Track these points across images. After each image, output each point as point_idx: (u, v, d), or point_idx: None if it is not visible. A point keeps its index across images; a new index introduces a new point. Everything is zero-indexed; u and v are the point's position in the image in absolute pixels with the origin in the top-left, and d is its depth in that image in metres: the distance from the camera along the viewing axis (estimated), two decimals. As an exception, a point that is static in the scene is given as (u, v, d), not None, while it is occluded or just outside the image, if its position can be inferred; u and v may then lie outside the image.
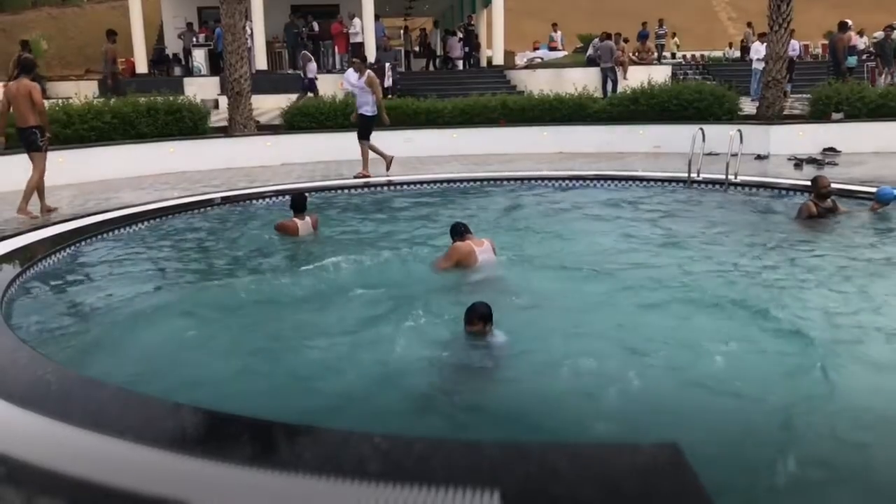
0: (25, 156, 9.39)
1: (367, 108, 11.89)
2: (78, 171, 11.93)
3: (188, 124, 14.25)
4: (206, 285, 6.61)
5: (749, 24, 26.88)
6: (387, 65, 19.76)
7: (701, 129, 10.85)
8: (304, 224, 7.93)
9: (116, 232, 8.13)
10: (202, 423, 3.36)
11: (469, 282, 6.13)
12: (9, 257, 6.73)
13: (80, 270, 6.91)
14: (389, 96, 18.63)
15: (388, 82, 19.53)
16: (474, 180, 11.57)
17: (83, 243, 7.55)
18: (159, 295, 6.21)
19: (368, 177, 11.64)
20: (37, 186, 9.25)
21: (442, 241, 6.87)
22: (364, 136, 12.02)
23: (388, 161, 12.00)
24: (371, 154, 12.02)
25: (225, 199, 10.02)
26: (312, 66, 19.59)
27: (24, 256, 6.73)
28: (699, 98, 15.34)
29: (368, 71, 12.06)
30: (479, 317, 4.59)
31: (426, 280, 6.36)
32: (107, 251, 7.57)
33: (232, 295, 6.17)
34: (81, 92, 16.79)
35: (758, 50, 18.77)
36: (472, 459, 2.82)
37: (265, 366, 4.67)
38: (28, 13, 26.15)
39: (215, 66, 21.42)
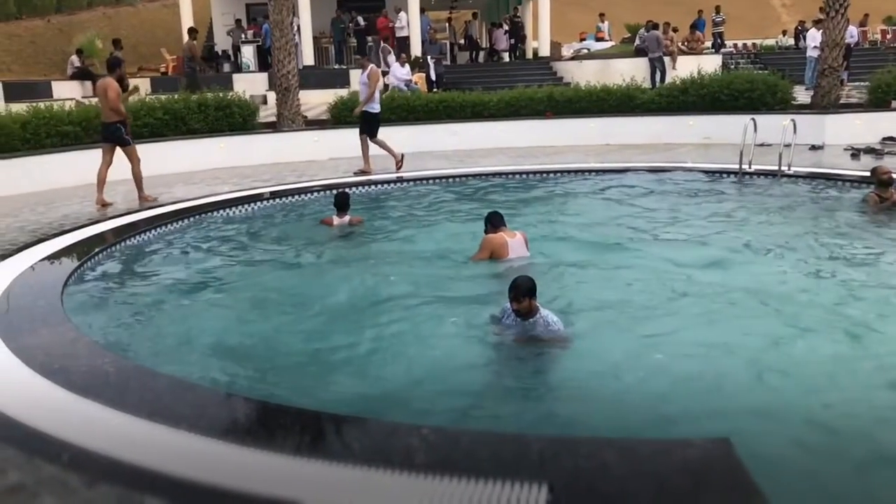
0: (100, 150, 9.94)
1: (373, 105, 11.84)
2: (128, 170, 12.20)
3: (238, 120, 14.48)
4: (255, 278, 6.71)
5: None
6: (429, 58, 19.66)
7: (752, 119, 10.61)
8: (343, 223, 8.07)
9: (170, 226, 8.32)
10: (250, 412, 3.42)
11: (502, 272, 6.16)
12: (68, 251, 6.93)
13: (135, 263, 7.08)
14: (435, 90, 18.64)
15: (433, 76, 19.46)
16: (518, 173, 11.51)
17: (138, 237, 7.74)
18: (210, 288, 6.35)
19: (369, 173, 11.53)
20: (140, 175, 9.80)
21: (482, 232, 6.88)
22: (369, 133, 11.95)
23: (369, 172, 11.80)
24: (375, 151, 11.98)
25: (273, 194, 10.16)
26: (391, 59, 19.71)
27: (83, 250, 6.93)
28: (751, 88, 14.98)
29: (371, 66, 12.01)
30: (524, 292, 4.54)
31: (465, 271, 6.42)
32: (160, 244, 7.76)
33: (277, 286, 6.33)
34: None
35: (813, 37, 18.27)
36: (519, 452, 2.81)
37: (309, 356, 4.74)
38: (83, 13, 26.83)
39: (263, 62, 21.72)
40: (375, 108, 11.84)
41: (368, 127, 11.92)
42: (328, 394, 4.13)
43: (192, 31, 19.69)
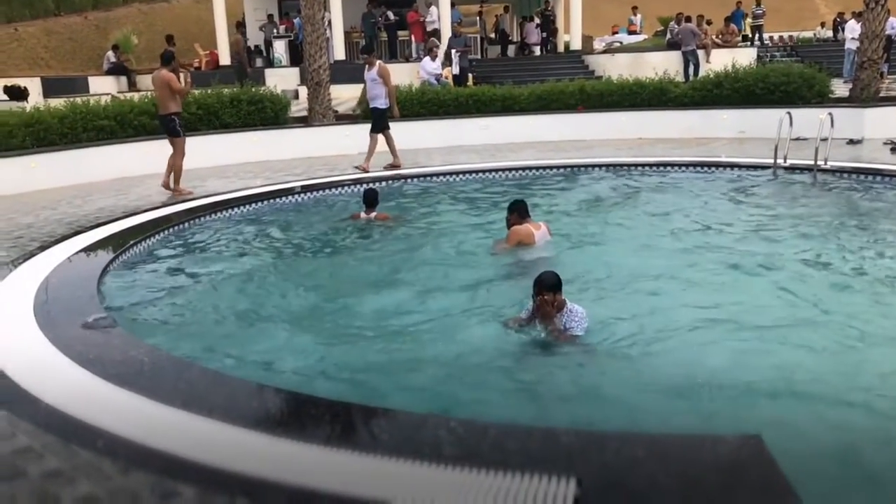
0: (165, 141, 10.28)
1: (380, 101, 11.71)
2: (166, 160, 12.36)
3: (270, 114, 14.60)
4: (285, 271, 6.79)
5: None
6: (453, 51, 19.46)
7: (788, 112, 10.44)
8: (370, 218, 8.16)
9: (204, 219, 8.42)
10: (281, 402, 3.46)
11: (528, 264, 6.16)
12: (104, 243, 7.05)
13: (169, 255, 7.19)
14: (465, 84, 18.56)
15: (455, 70, 19.24)
16: (548, 167, 11.45)
17: (172, 229, 7.85)
18: (241, 279, 6.41)
19: (367, 171, 11.38)
20: (180, 167, 10.02)
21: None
22: (376, 129, 11.85)
23: (398, 166, 11.75)
24: (381, 147, 11.87)
25: (304, 188, 10.23)
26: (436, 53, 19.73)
27: (118, 242, 7.04)
28: (787, 81, 14.71)
29: (379, 62, 11.94)
30: (548, 287, 4.52)
31: (492, 264, 6.44)
32: (194, 237, 7.87)
33: (305, 279, 6.41)
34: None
35: (852, 28, 17.90)
36: (548, 446, 2.81)
37: (338, 347, 4.77)
38: (119, 10, 27.20)
39: (295, 57, 21.85)
40: (382, 103, 11.74)
41: (377, 122, 11.83)
42: (353, 384, 4.15)
43: (239, 24, 20.09)
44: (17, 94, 16.46)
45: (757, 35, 25.54)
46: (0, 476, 2.80)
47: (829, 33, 28.66)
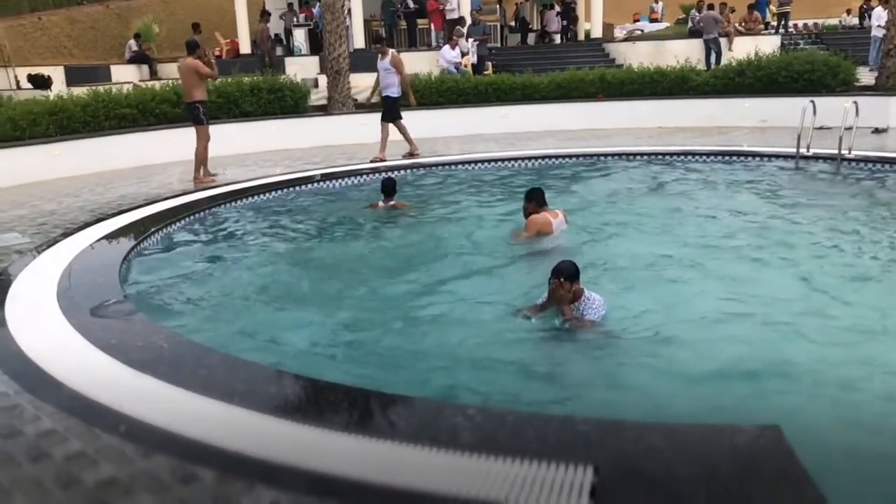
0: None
1: (393, 90, 11.65)
2: (187, 148, 12.46)
3: (289, 103, 14.64)
4: (303, 258, 6.82)
5: None
6: (470, 41, 19.25)
7: (812, 101, 10.30)
8: (388, 206, 8.19)
9: (224, 206, 8.48)
10: (300, 388, 3.48)
11: (546, 252, 6.16)
12: (126, 230, 7.12)
13: (189, 242, 7.25)
14: (476, 74, 18.43)
15: (473, 58, 18.98)
16: (567, 156, 11.39)
17: (193, 216, 7.91)
18: (261, 267, 6.46)
19: (384, 160, 11.36)
20: (202, 155, 10.14)
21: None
22: (388, 118, 11.78)
23: (416, 154, 11.76)
24: (389, 136, 11.81)
25: (324, 176, 10.26)
26: (464, 42, 19.68)
27: (140, 229, 7.11)
28: (811, 69, 14.50)
29: (392, 51, 11.86)
30: (567, 276, 4.52)
31: (509, 252, 6.43)
32: (214, 224, 7.93)
33: (324, 267, 6.47)
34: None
35: (879, 16, 17.58)
36: (565, 433, 2.81)
37: (354, 334, 4.79)
38: (141, -1, 27.35)
39: (315, 45, 21.86)
40: (395, 92, 11.68)
41: (389, 111, 11.77)
42: (369, 370, 4.18)
43: (263, 13, 20.23)
44: (41, 82, 16.63)
45: (783, 23, 25.16)
46: (25, 457, 2.85)
47: (855, 20, 28.20)
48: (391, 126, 11.82)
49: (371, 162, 11.37)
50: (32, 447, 2.93)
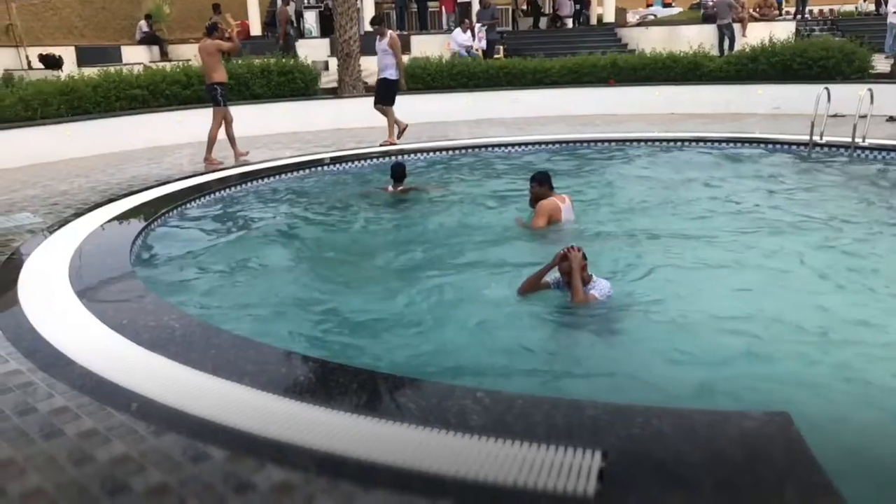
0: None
1: (391, 72, 11.39)
2: (196, 130, 12.47)
3: (300, 85, 14.62)
4: (311, 241, 6.84)
5: None
6: (477, 25, 19.05)
7: (826, 88, 10.20)
8: (397, 191, 8.20)
9: (234, 189, 8.50)
10: (309, 369, 3.50)
11: (556, 237, 6.15)
12: (136, 211, 7.16)
13: (199, 223, 7.27)
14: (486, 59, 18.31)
15: (482, 44, 18.64)
16: (578, 142, 11.34)
17: (203, 198, 7.93)
18: (269, 248, 6.49)
19: (395, 143, 11.30)
20: (215, 137, 10.19)
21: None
22: (386, 101, 11.56)
23: (402, 129, 11.54)
24: (377, 122, 11.74)
25: (333, 160, 10.26)
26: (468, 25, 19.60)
27: (150, 210, 7.14)
28: (826, 55, 14.37)
29: (391, 32, 11.65)
30: (563, 256, 4.55)
31: (518, 237, 6.44)
32: (224, 206, 7.95)
33: (332, 250, 6.52)
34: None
35: (895, 2, 17.35)
36: (573, 417, 2.82)
37: (359, 316, 4.81)
38: (152, -21, 27.22)
39: (326, 28, 21.78)
40: (393, 74, 11.46)
41: (386, 94, 11.54)
42: (376, 353, 4.19)
43: None
44: (53, 62, 16.67)
45: (800, 8, 24.85)
46: (39, 434, 2.88)
47: (872, 7, 27.85)
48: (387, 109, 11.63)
49: (380, 146, 11.35)
50: (46, 424, 2.96)
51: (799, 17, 24.14)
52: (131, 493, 2.48)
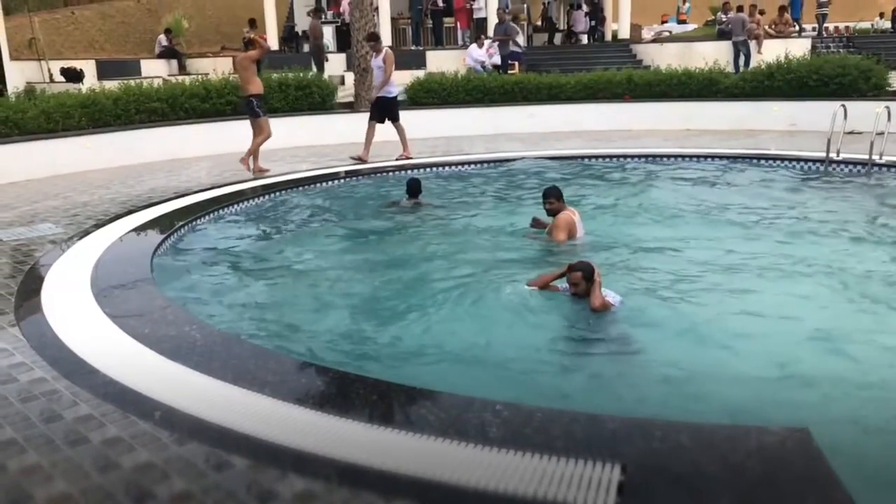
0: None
1: (391, 90, 11.38)
2: (215, 143, 12.62)
3: (317, 100, 14.73)
4: (326, 254, 6.89)
5: None
6: (486, 42, 18.91)
7: (843, 105, 10.18)
8: (412, 205, 8.27)
9: (251, 202, 8.58)
10: (330, 381, 3.53)
11: (571, 249, 6.22)
12: (156, 222, 7.24)
13: (217, 235, 7.33)
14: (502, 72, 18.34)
15: (493, 59, 18.26)
16: (593, 157, 11.37)
17: (221, 210, 8.01)
18: (286, 260, 6.56)
19: (410, 157, 11.28)
20: (258, 146, 10.39)
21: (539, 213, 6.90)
22: (394, 118, 11.47)
23: (364, 160, 11.27)
24: (386, 137, 11.64)
25: (349, 173, 10.34)
26: (520, 38, 19.65)
27: (169, 222, 7.21)
28: (842, 73, 14.33)
29: (386, 48, 11.63)
30: (582, 276, 4.66)
31: (533, 251, 6.50)
32: (242, 218, 8.03)
33: (348, 264, 6.54)
34: (219, 68, 17.72)
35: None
36: (592, 431, 2.83)
37: (376, 328, 4.85)
38: (171, -6, 27.63)
39: (342, 43, 21.96)
40: (393, 91, 11.49)
41: (388, 111, 11.48)
42: (392, 364, 4.23)
43: (317, 11, 20.46)
44: (74, 76, 16.91)
45: (820, 25, 24.81)
46: (64, 441, 2.92)
47: (888, 24, 27.79)
48: (393, 124, 11.58)
49: (396, 160, 11.39)
50: (71, 431, 3.01)
51: (814, 33, 24.11)
52: (156, 499, 2.52)
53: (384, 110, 11.57)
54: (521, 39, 20.52)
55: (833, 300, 5.11)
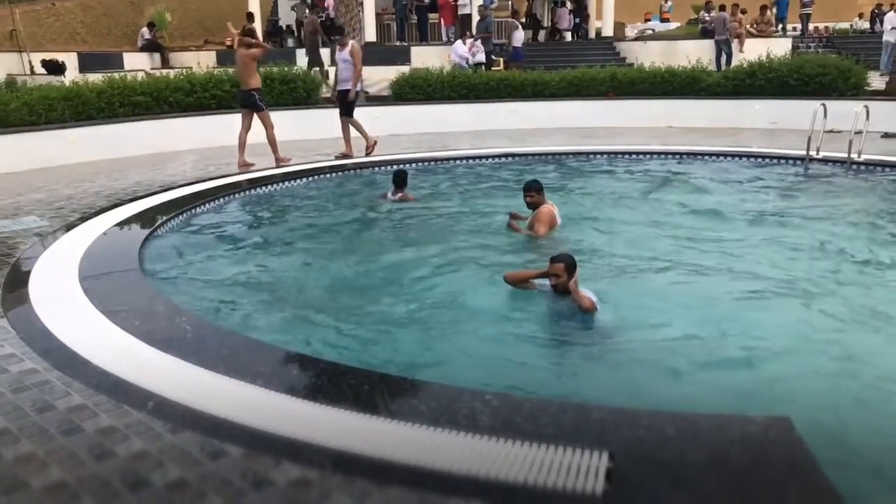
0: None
1: (347, 84, 11.21)
2: (199, 137, 12.58)
3: (302, 94, 14.72)
4: (313, 246, 6.89)
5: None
6: (469, 40, 18.77)
7: (823, 104, 10.34)
8: (398, 198, 8.30)
9: (238, 195, 8.58)
10: (320, 371, 3.57)
11: (551, 242, 6.30)
12: (142, 216, 7.22)
13: (203, 228, 7.33)
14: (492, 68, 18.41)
15: (477, 57, 18.29)
16: (576, 154, 11.46)
17: (207, 205, 8.00)
18: (272, 253, 6.57)
19: (350, 156, 11.23)
20: (273, 138, 10.54)
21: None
22: (348, 113, 11.39)
23: (349, 155, 11.28)
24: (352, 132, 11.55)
25: (333, 168, 10.36)
26: (519, 34, 19.64)
27: (156, 216, 7.20)
28: (822, 72, 14.55)
29: (353, 43, 11.54)
30: (564, 267, 4.65)
31: (515, 243, 6.55)
32: (227, 212, 8.03)
33: (333, 254, 6.57)
34: (202, 62, 17.63)
35: (891, 20, 17.62)
36: (580, 420, 2.90)
37: (360, 319, 4.87)
38: (154, -14, 27.36)
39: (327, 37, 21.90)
40: (348, 86, 11.27)
41: (345, 106, 11.40)
42: (381, 356, 4.27)
43: (313, 5, 20.34)
44: (55, 68, 16.73)
45: (804, 25, 25.08)
46: (58, 430, 2.94)
47: (867, 25, 28.16)
48: (348, 121, 11.47)
49: (335, 158, 11.24)
50: (64, 421, 3.03)
51: (799, 34, 24.37)
52: (151, 487, 2.55)
53: (341, 103, 11.43)
54: (520, 36, 20.56)
55: (812, 293, 5.22)
